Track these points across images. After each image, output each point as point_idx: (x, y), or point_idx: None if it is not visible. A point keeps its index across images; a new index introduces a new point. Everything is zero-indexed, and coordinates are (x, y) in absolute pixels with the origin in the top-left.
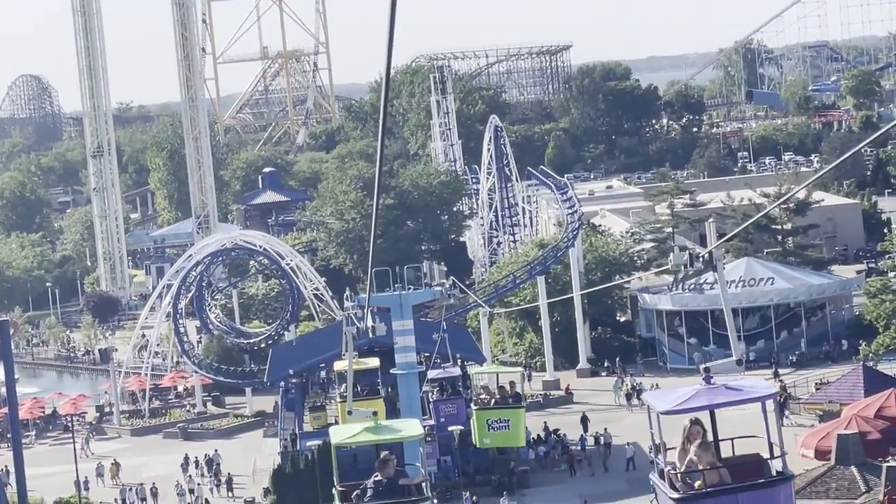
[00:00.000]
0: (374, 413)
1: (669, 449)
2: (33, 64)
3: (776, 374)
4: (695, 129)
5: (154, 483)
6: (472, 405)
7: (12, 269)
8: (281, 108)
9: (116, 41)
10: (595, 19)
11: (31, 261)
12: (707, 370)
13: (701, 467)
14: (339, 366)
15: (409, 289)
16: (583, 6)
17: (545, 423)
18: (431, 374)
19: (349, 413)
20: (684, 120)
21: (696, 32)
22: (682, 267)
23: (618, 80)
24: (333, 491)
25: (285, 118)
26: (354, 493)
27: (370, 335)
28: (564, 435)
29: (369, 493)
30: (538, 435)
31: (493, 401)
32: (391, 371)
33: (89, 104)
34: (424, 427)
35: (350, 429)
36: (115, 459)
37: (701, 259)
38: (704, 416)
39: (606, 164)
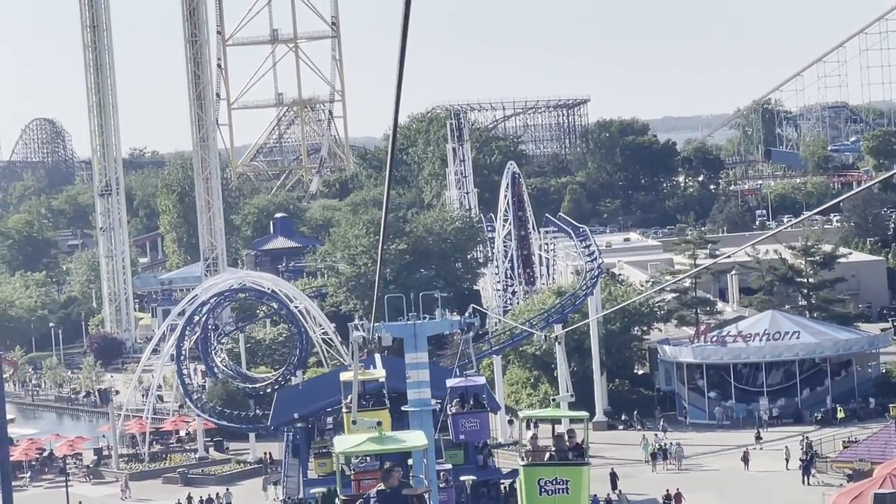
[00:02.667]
0: (379, 423)
1: None
2: (48, 108)
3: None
4: (712, 187)
5: None
6: (518, 460)
7: (15, 309)
8: (295, 156)
9: (131, 90)
10: (611, 78)
11: (34, 300)
12: None
13: None
14: (344, 376)
15: (424, 318)
16: (599, 63)
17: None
18: (450, 382)
19: (353, 423)
20: (702, 177)
21: (711, 94)
22: None
23: (635, 135)
24: (336, 501)
25: (299, 166)
26: (357, 503)
27: (378, 345)
28: None
29: (371, 502)
30: None
31: (547, 455)
32: (402, 408)
33: (98, 141)
34: (440, 472)
35: (354, 439)
36: (80, 502)
37: None
38: None
39: (623, 218)
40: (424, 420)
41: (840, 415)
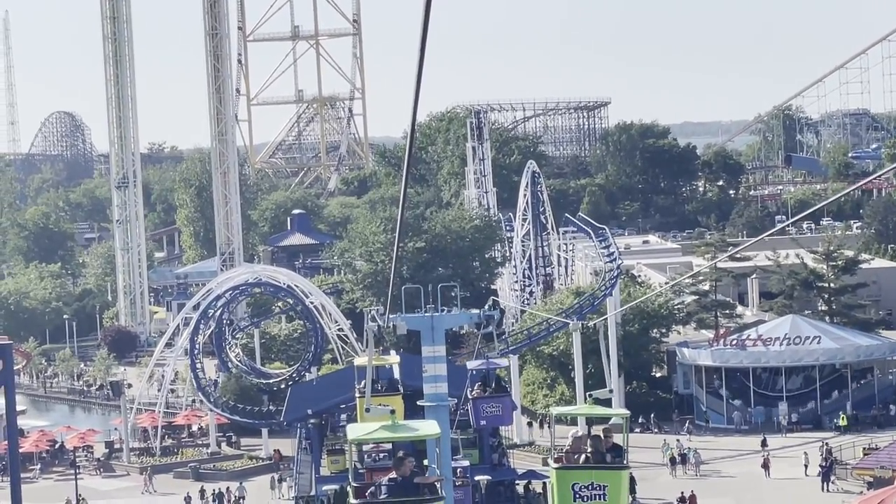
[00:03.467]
0: (392, 411)
1: None
2: (68, 101)
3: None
4: (731, 192)
5: None
6: (549, 462)
7: (29, 300)
8: (314, 153)
9: (151, 86)
10: (631, 82)
11: (49, 292)
12: None
13: None
14: (359, 362)
15: (443, 311)
16: (618, 67)
17: None
18: (471, 364)
19: (367, 410)
20: (721, 182)
21: (731, 100)
22: None
23: (655, 138)
24: (348, 488)
25: (317, 163)
26: (368, 491)
27: (393, 333)
28: None
29: (383, 490)
30: None
31: (583, 457)
32: (418, 403)
33: (116, 133)
34: (457, 469)
35: (367, 426)
36: (80, 495)
37: None
38: None
39: (642, 221)
40: (441, 415)
41: (842, 422)
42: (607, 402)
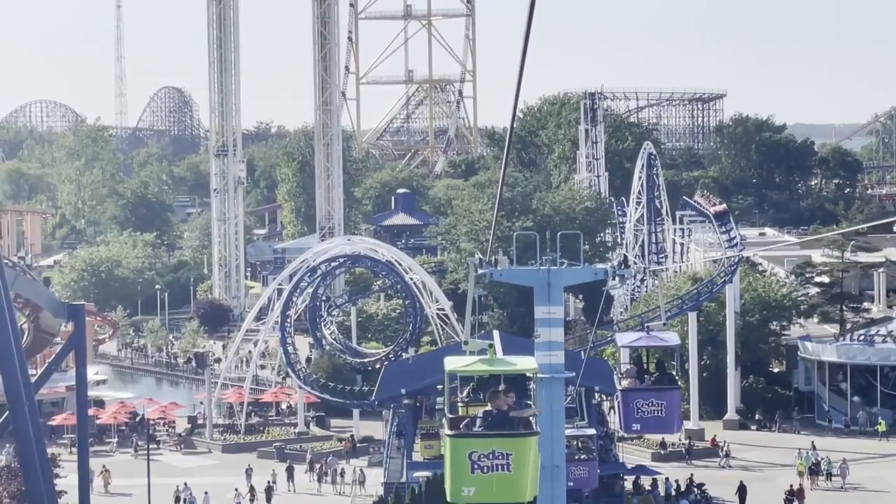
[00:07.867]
0: (490, 345)
1: None
2: (177, 76)
3: None
4: (847, 190)
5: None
6: None
7: (122, 269)
8: (422, 136)
9: (260, 69)
10: (744, 81)
11: (143, 262)
12: None
13: None
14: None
15: (562, 264)
16: (732, 64)
17: (691, 475)
18: (624, 339)
19: (465, 343)
20: (838, 179)
21: (844, 102)
22: None
23: (772, 132)
24: (443, 419)
25: (425, 146)
26: (463, 423)
27: (495, 269)
28: (707, 491)
29: (478, 423)
30: (679, 486)
31: None
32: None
33: (217, 99)
34: (581, 438)
35: (464, 359)
36: (104, 466)
37: None
38: None
39: (756, 216)
40: (555, 392)
41: (881, 427)
42: (707, 401)
